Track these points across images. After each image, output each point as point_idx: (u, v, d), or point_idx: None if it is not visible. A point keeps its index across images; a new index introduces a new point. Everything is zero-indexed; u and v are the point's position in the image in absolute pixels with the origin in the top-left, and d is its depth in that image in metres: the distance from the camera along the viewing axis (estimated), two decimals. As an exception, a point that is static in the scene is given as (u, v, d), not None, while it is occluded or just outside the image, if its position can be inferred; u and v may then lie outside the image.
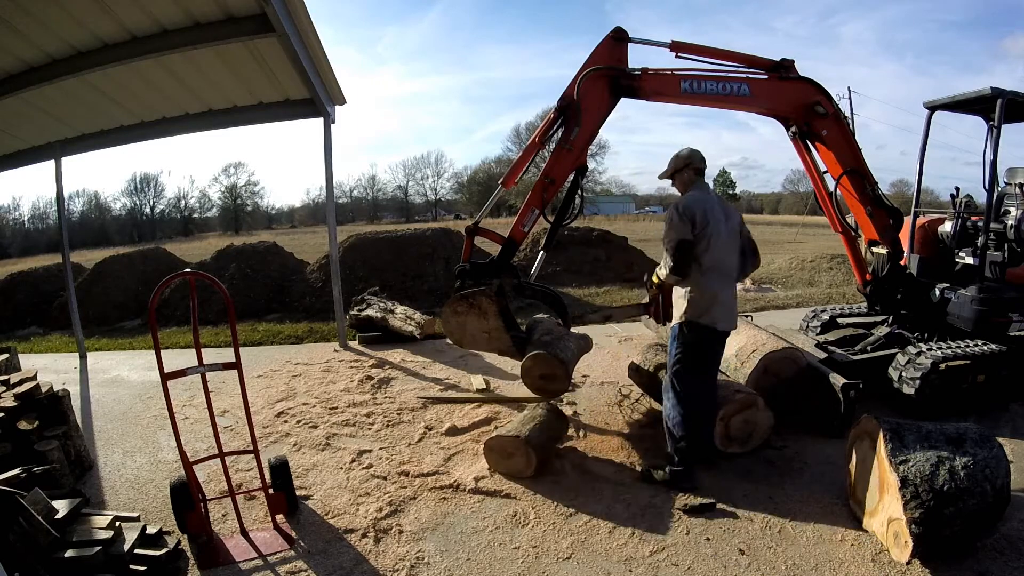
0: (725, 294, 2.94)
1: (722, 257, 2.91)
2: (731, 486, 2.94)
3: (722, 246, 2.90)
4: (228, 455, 2.70)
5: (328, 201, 6.32)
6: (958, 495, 2.19)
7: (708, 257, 2.87)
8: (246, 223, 54.31)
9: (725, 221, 2.93)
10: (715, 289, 2.89)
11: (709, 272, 2.88)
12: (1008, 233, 4.03)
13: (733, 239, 2.99)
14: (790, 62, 3.76)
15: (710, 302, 2.88)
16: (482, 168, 57.74)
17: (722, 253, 2.91)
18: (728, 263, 2.97)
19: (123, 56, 4.43)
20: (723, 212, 2.96)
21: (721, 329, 2.94)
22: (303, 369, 5.28)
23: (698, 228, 2.83)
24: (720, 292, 2.91)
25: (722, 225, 2.90)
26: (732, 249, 3.00)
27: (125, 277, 9.75)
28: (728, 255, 2.96)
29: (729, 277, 3.01)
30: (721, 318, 2.92)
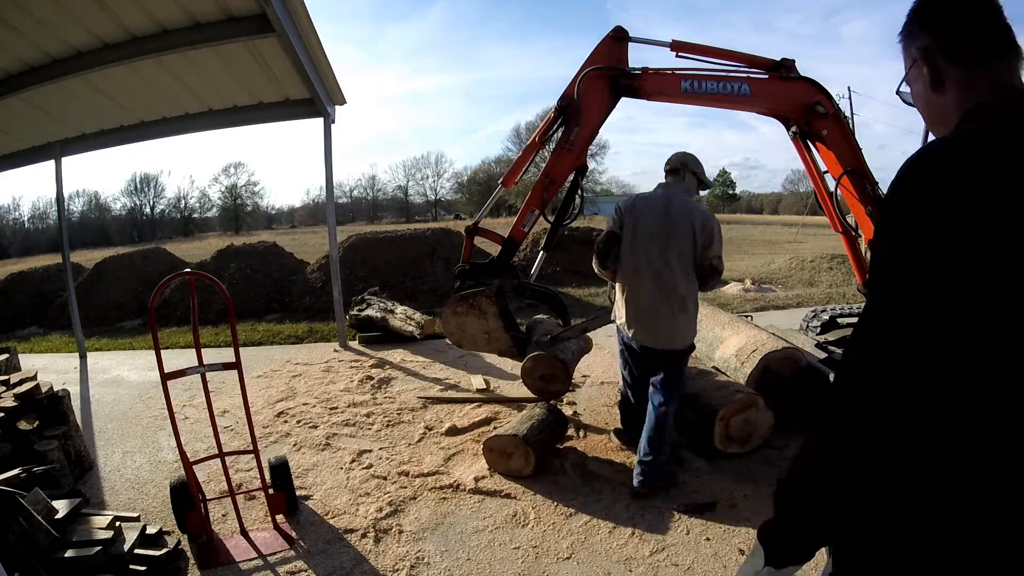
0: (635, 302, 2.92)
1: (639, 262, 2.87)
2: (731, 486, 2.94)
3: (640, 249, 2.86)
4: (228, 455, 2.70)
5: (328, 201, 6.32)
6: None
7: (624, 257, 2.92)
8: (246, 223, 54.33)
9: (662, 226, 2.83)
10: (625, 292, 2.96)
11: (623, 273, 2.95)
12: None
13: (665, 247, 2.82)
14: (791, 62, 3.76)
15: (620, 305, 2.97)
16: (482, 168, 57.76)
17: (639, 257, 2.87)
18: (645, 269, 2.85)
19: (123, 56, 4.42)
20: (663, 217, 2.84)
21: (625, 339, 3.00)
22: (303, 369, 5.28)
23: (621, 223, 2.94)
24: (630, 298, 2.94)
25: (649, 227, 2.86)
26: (657, 256, 2.83)
27: (125, 277, 9.75)
28: (647, 261, 2.84)
29: (642, 285, 2.88)
30: (628, 327, 2.96)
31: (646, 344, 2.92)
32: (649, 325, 2.90)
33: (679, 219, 2.83)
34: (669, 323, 2.86)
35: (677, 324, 2.87)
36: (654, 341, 2.91)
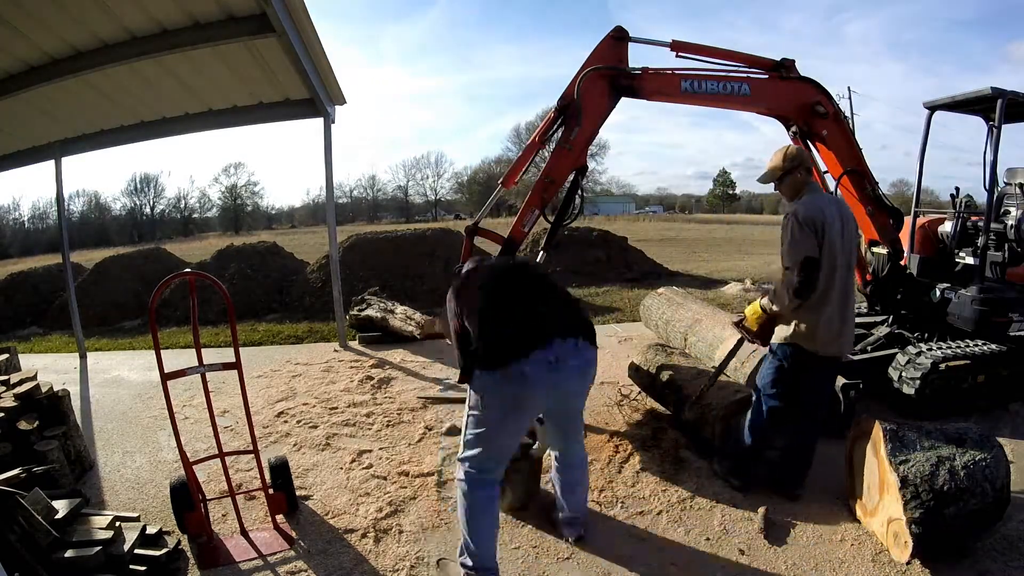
0: (840, 316, 2.64)
1: (837, 275, 2.60)
2: (731, 486, 2.93)
3: (840, 263, 2.59)
4: (228, 455, 2.70)
5: (328, 201, 6.32)
6: (958, 495, 2.19)
7: (828, 274, 2.57)
8: (246, 223, 54.33)
9: (841, 229, 2.60)
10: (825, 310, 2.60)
11: (827, 291, 2.59)
12: (1008, 233, 4.03)
13: (849, 253, 2.65)
14: (791, 62, 3.76)
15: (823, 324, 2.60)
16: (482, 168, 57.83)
17: (839, 270, 2.60)
18: (841, 280, 2.62)
19: (123, 56, 4.42)
20: (839, 218, 2.61)
21: (824, 354, 2.66)
22: (303, 369, 5.28)
23: (819, 241, 2.51)
24: (833, 314, 2.62)
25: (837, 234, 2.58)
26: (846, 264, 2.64)
27: (125, 277, 9.74)
28: (841, 272, 2.62)
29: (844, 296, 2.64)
30: (827, 342, 2.63)
31: (839, 355, 2.75)
32: (848, 335, 2.72)
33: (849, 220, 2.70)
34: (853, 327, 2.82)
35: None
36: (848, 348, 2.81)
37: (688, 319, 4.75)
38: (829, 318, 2.60)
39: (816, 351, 2.64)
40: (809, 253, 2.48)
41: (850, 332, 2.74)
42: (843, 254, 2.60)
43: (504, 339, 2.09)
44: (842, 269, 2.61)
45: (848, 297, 2.67)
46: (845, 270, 2.63)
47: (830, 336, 2.63)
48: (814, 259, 2.49)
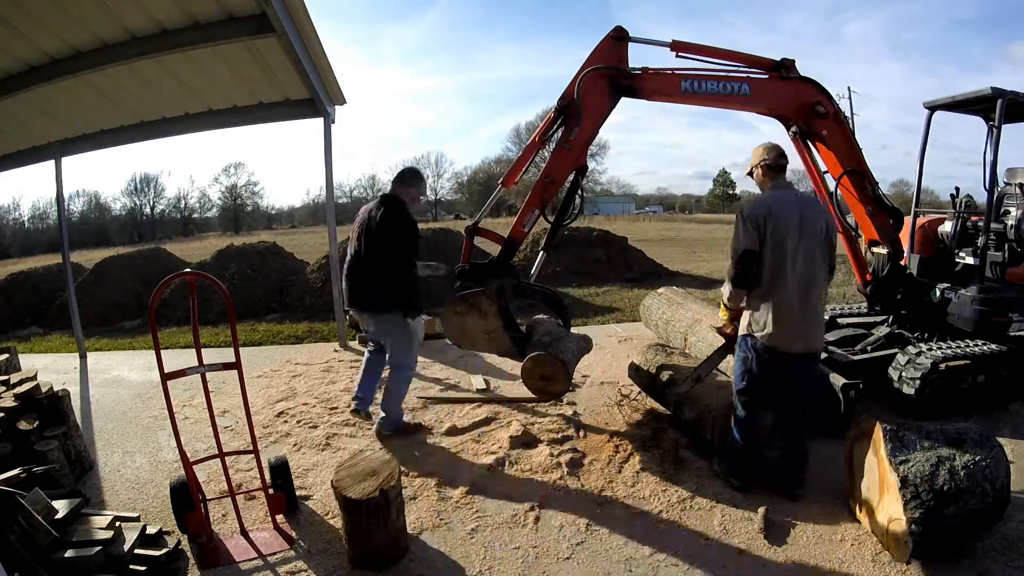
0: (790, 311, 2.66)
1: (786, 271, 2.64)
2: (731, 486, 2.94)
3: (788, 257, 2.63)
4: (228, 455, 2.70)
5: (328, 201, 6.32)
6: (958, 495, 2.19)
7: (773, 269, 2.64)
8: (246, 223, 54.32)
9: (799, 225, 2.64)
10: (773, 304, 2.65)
11: (774, 287, 2.65)
12: (1008, 233, 4.03)
13: (809, 248, 2.66)
14: (791, 62, 3.76)
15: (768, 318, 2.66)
16: (482, 168, 57.81)
17: (787, 265, 2.64)
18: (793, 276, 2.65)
19: (123, 56, 4.42)
20: (799, 214, 2.66)
21: (783, 350, 2.68)
22: (303, 369, 5.28)
23: (760, 237, 2.61)
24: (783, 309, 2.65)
25: (792, 230, 2.62)
26: (804, 260, 2.66)
27: (125, 277, 9.74)
28: (793, 268, 2.65)
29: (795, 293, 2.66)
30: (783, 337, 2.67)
31: (804, 351, 2.75)
32: (809, 331, 2.73)
33: (813, 214, 2.72)
34: (820, 324, 2.84)
35: (821, 323, 2.86)
36: (813, 342, 2.80)
37: (688, 319, 4.75)
38: (781, 312, 2.65)
39: (774, 346, 2.68)
40: (747, 247, 2.65)
41: (812, 328, 2.74)
42: (802, 250, 2.63)
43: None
44: (800, 265, 2.64)
45: (808, 292, 2.67)
46: (805, 266, 2.65)
47: (784, 331, 2.65)
48: (751, 252, 2.65)
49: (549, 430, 3.64)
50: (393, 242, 3.36)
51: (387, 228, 3.37)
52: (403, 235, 3.37)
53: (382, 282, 3.39)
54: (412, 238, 3.40)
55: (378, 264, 3.40)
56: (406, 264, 3.39)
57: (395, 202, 3.49)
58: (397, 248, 3.35)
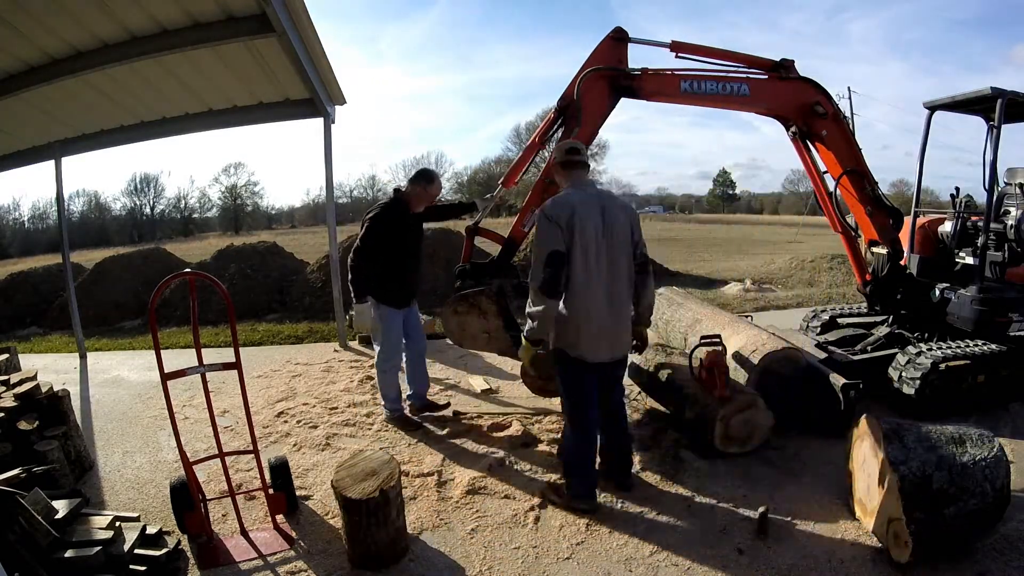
0: (595, 318, 2.54)
1: (590, 274, 2.51)
2: (731, 486, 2.94)
3: (592, 260, 2.50)
4: (228, 455, 2.70)
5: (328, 201, 6.32)
6: (958, 495, 2.19)
7: (577, 273, 2.48)
8: (246, 223, 54.27)
9: (603, 231, 2.51)
10: (577, 311, 2.52)
11: (575, 292, 2.51)
12: (1008, 233, 4.03)
13: (612, 249, 2.55)
14: (790, 62, 3.76)
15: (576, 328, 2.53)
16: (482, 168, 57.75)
17: (591, 268, 2.51)
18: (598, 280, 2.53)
19: (123, 56, 4.42)
20: (599, 222, 2.51)
21: (591, 360, 2.57)
22: (303, 369, 5.28)
23: (567, 238, 2.44)
24: (589, 315, 2.53)
25: (594, 232, 2.49)
26: (607, 262, 2.54)
27: (125, 277, 9.75)
28: (598, 270, 2.52)
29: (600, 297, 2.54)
30: (588, 349, 2.55)
31: (611, 358, 2.66)
32: (614, 337, 2.63)
33: (619, 214, 2.59)
34: (627, 328, 2.71)
35: (627, 327, 2.71)
36: (621, 350, 2.73)
37: (688, 319, 4.75)
38: (584, 323, 2.52)
39: (581, 356, 2.55)
40: (554, 247, 2.44)
41: (620, 332, 2.63)
42: (597, 256, 2.49)
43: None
44: (595, 272, 2.50)
45: (614, 297, 2.55)
46: (601, 271, 2.51)
47: (591, 340, 2.54)
48: (559, 252, 2.44)
49: (549, 430, 3.64)
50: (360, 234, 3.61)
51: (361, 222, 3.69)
52: (364, 227, 3.58)
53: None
54: (367, 232, 3.54)
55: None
56: (356, 254, 3.53)
57: (386, 199, 3.69)
58: (359, 239, 3.59)
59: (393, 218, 3.58)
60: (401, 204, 3.63)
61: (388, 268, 3.57)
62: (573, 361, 2.60)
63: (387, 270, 3.57)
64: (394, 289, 3.63)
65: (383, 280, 3.59)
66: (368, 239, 3.52)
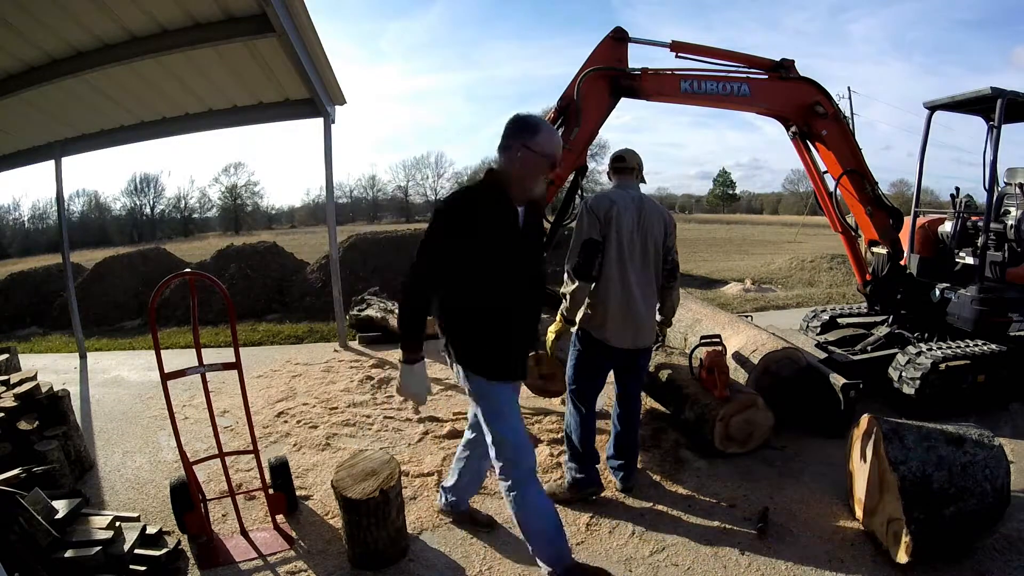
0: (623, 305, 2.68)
1: (624, 264, 2.67)
2: (731, 486, 2.94)
3: (626, 251, 2.66)
4: (228, 455, 2.70)
5: (328, 201, 6.32)
6: (958, 495, 2.19)
7: (610, 262, 2.65)
8: (246, 223, 54.28)
9: (637, 228, 2.68)
10: (608, 298, 2.67)
11: (607, 279, 2.67)
12: (1008, 233, 4.04)
13: (644, 245, 2.70)
14: (790, 62, 3.77)
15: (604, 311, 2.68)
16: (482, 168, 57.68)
17: (624, 259, 2.66)
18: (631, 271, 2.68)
19: (123, 56, 4.42)
20: (637, 219, 2.68)
21: (615, 345, 2.71)
22: (303, 369, 5.28)
23: (602, 228, 2.63)
24: (618, 302, 2.67)
25: (630, 227, 2.66)
26: (640, 256, 2.70)
27: (125, 277, 9.75)
28: (632, 262, 2.68)
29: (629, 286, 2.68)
30: (613, 333, 2.69)
31: (633, 346, 2.77)
32: (638, 326, 2.74)
33: (654, 216, 2.74)
34: (652, 321, 2.85)
35: (652, 321, 2.86)
36: (644, 340, 2.81)
37: (688, 319, 4.75)
38: (613, 307, 2.68)
39: (605, 339, 2.70)
40: (590, 235, 2.62)
41: (635, 326, 2.70)
42: (631, 249, 2.66)
43: None
44: (629, 263, 2.66)
45: (631, 291, 2.66)
46: (634, 264, 2.67)
47: (615, 326, 2.68)
48: (595, 241, 2.61)
49: (549, 430, 3.64)
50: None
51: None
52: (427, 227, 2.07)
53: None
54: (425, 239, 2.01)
55: None
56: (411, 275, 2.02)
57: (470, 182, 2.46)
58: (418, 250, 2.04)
59: (491, 214, 2.01)
60: (496, 190, 2.05)
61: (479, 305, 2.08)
62: (595, 343, 2.73)
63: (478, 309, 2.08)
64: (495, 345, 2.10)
65: (469, 328, 2.10)
66: (431, 252, 1.98)
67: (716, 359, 3.24)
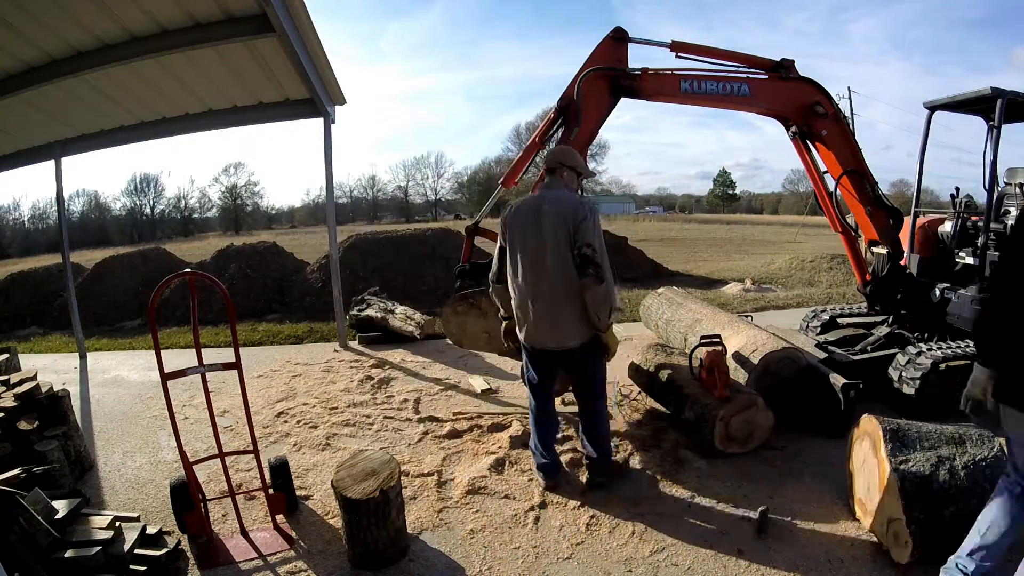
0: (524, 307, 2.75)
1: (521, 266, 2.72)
2: (731, 486, 2.94)
3: (522, 252, 2.71)
4: (228, 455, 2.70)
5: (328, 201, 6.32)
6: (958, 495, 2.19)
7: (511, 265, 2.77)
8: (246, 223, 54.31)
9: (531, 230, 2.67)
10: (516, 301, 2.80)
11: (512, 283, 2.79)
12: (1008, 233, 4.03)
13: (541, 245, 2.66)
14: (790, 62, 3.77)
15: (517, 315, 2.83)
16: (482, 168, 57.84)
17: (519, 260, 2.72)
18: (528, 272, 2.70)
19: (123, 56, 4.43)
20: (534, 220, 2.67)
21: (531, 345, 2.81)
22: (303, 369, 5.28)
23: (505, 236, 2.80)
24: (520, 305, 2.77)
25: (528, 229, 2.69)
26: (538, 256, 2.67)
27: (125, 277, 9.75)
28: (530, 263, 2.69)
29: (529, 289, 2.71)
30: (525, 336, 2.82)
31: (545, 347, 2.78)
32: (547, 326, 2.72)
33: (551, 214, 2.66)
34: (567, 322, 2.71)
35: (564, 322, 2.72)
36: (549, 341, 2.77)
37: (688, 319, 4.75)
38: (515, 310, 2.84)
39: (523, 339, 2.85)
40: (500, 243, 2.86)
41: (542, 327, 2.72)
42: (523, 251, 2.72)
43: None
44: (522, 265, 2.73)
45: (526, 293, 2.72)
46: (530, 266, 2.71)
47: (521, 326, 2.83)
48: (502, 247, 2.85)
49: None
50: None
51: None
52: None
53: None
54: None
55: None
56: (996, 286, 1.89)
57: None
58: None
59: None
60: None
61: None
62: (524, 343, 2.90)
63: None
64: None
65: None
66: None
67: (716, 359, 3.24)
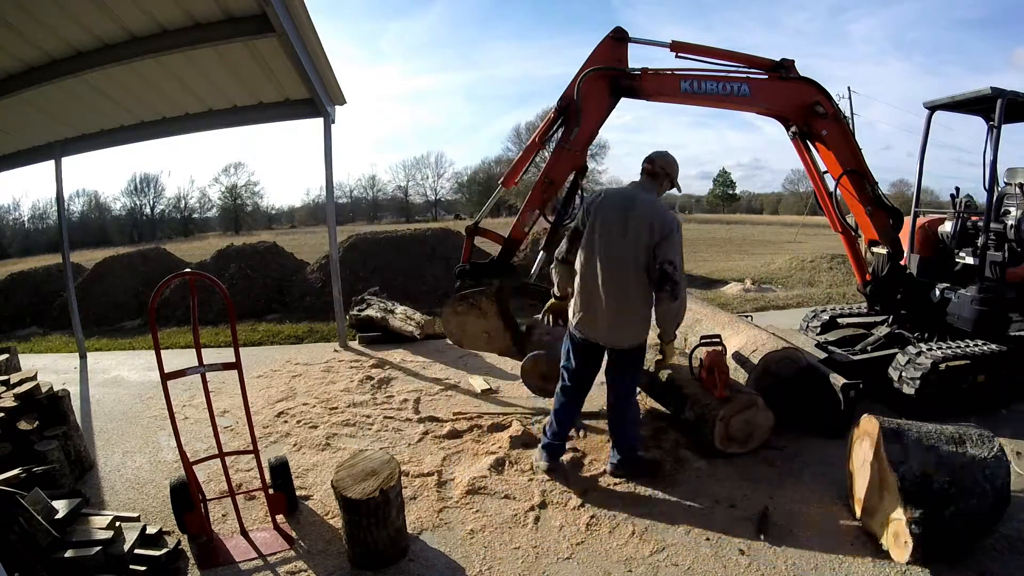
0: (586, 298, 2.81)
1: (595, 257, 2.76)
2: (731, 486, 2.94)
3: (599, 244, 2.74)
4: (228, 455, 2.70)
5: (328, 201, 6.32)
6: (958, 495, 2.19)
7: (583, 252, 2.83)
8: (246, 223, 54.24)
9: (616, 225, 2.71)
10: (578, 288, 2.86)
11: (579, 270, 2.85)
12: (1008, 233, 4.03)
13: (621, 245, 2.71)
14: (790, 62, 3.77)
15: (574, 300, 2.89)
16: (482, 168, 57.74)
17: (595, 252, 2.75)
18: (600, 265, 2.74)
19: (123, 56, 4.42)
20: (621, 217, 2.70)
21: (580, 335, 2.88)
22: (303, 369, 5.28)
23: (584, 220, 2.84)
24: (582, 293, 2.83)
25: (609, 224, 2.73)
26: (613, 253, 2.72)
27: (125, 277, 9.74)
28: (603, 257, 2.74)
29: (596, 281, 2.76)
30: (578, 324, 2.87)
31: (594, 340, 2.87)
32: (605, 322, 2.79)
33: (640, 218, 2.69)
34: (627, 322, 2.80)
35: (625, 323, 2.80)
36: (603, 338, 2.85)
37: (688, 319, 4.74)
38: (576, 296, 2.87)
39: (572, 326, 2.91)
40: (576, 225, 2.90)
41: (599, 322, 2.80)
42: (604, 244, 2.74)
43: None
44: (598, 256, 2.75)
45: (595, 284, 2.76)
46: (605, 258, 2.74)
47: (576, 314, 2.87)
48: (577, 230, 2.88)
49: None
50: None
51: None
52: None
53: None
54: None
55: None
56: None
57: None
58: None
59: None
60: None
61: None
62: (571, 329, 2.96)
63: None
64: None
65: None
66: None
67: (716, 359, 3.24)
